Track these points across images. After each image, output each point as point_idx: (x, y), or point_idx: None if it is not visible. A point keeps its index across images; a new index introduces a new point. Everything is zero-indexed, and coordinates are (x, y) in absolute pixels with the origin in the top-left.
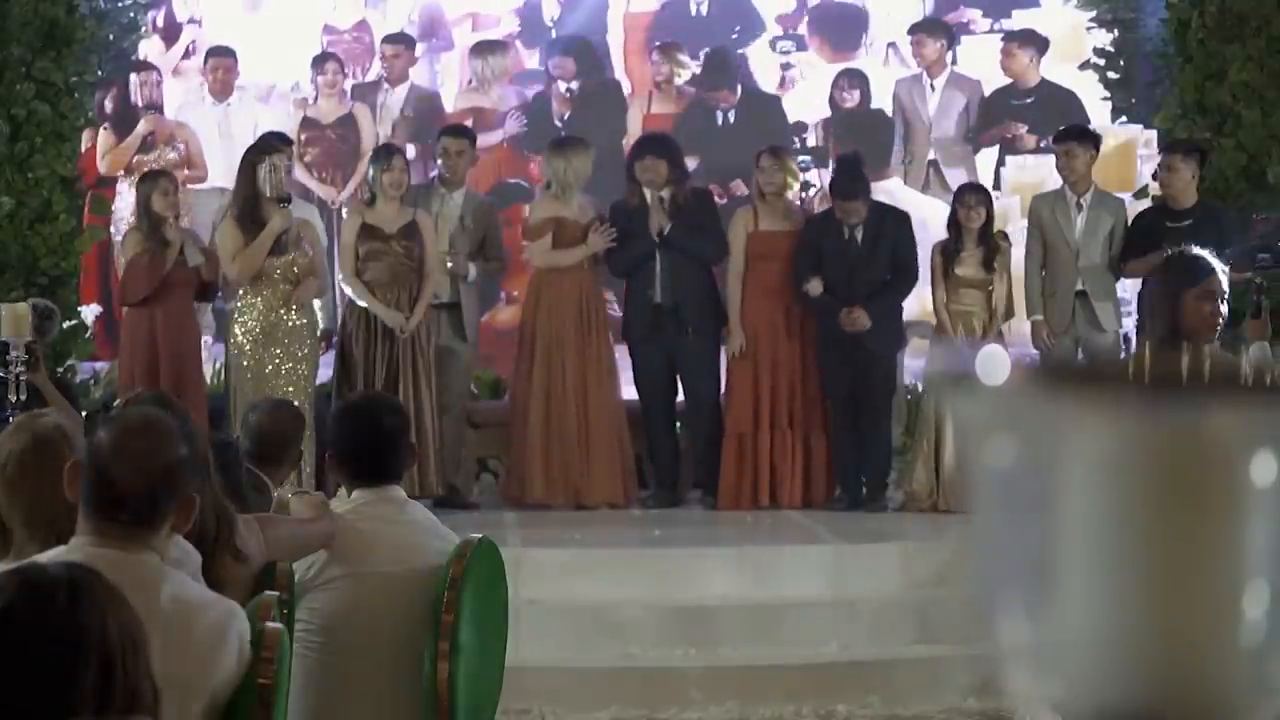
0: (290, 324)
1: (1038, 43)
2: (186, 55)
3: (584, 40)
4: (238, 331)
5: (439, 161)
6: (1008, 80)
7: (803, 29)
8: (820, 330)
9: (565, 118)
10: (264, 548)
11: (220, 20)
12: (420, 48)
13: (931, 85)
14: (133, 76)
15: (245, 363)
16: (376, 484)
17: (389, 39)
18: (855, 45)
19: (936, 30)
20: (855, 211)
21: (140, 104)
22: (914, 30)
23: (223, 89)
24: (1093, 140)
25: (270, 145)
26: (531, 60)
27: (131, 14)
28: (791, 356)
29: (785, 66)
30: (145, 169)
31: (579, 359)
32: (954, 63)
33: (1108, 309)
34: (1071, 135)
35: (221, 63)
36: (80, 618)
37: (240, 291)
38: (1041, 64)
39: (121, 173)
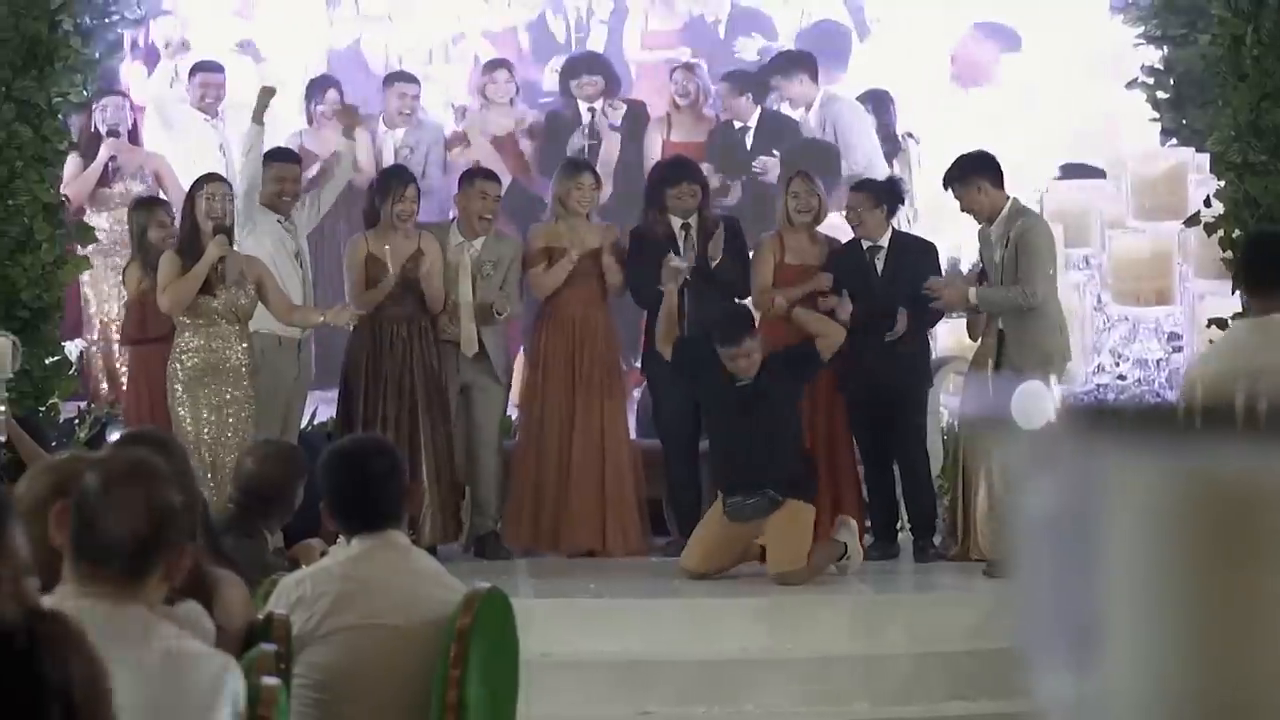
0: (231, 365)
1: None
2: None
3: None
4: (178, 372)
5: (472, 205)
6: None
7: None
8: (845, 370)
9: (619, 141)
10: (250, 606)
11: (213, 43)
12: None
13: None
14: (96, 101)
15: (186, 409)
16: (375, 531)
17: (397, 78)
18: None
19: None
20: (854, 208)
21: (104, 130)
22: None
23: (211, 105)
24: (974, 171)
25: (210, 175)
26: (537, 75)
27: (119, 30)
28: (815, 398)
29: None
30: (112, 201)
31: (586, 399)
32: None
33: (1020, 348)
34: (948, 180)
35: (210, 78)
36: (40, 665)
37: (178, 331)
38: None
39: (85, 204)
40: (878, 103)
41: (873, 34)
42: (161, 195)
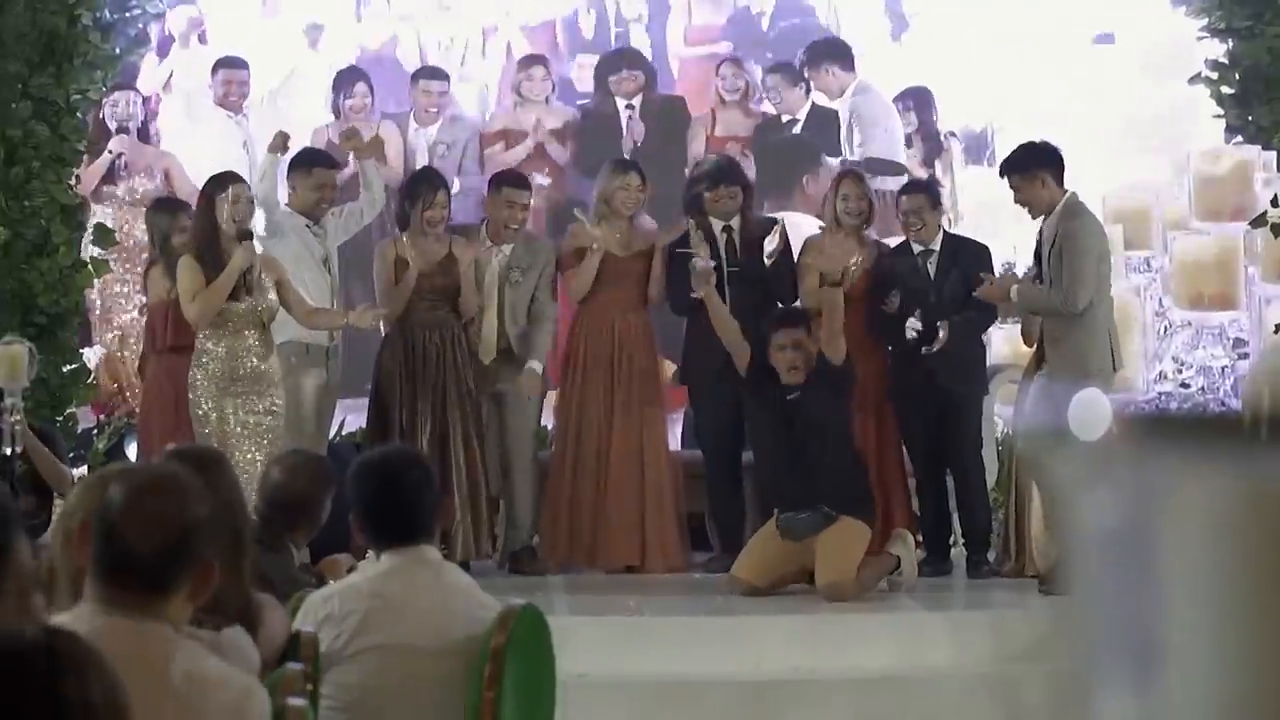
0: (255, 371)
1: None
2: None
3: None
4: (199, 378)
5: (499, 213)
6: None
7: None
8: (896, 377)
9: (641, 137)
10: (288, 627)
11: (231, 33)
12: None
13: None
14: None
15: (210, 417)
16: (406, 545)
17: (423, 74)
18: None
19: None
20: (916, 211)
21: (113, 125)
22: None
23: (235, 102)
24: (1037, 163)
25: (231, 176)
26: (573, 71)
27: (141, 24)
28: (865, 406)
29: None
30: (118, 199)
31: (625, 407)
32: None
33: (1058, 354)
34: (1008, 166)
35: (233, 75)
36: (61, 687)
37: (200, 338)
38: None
39: (90, 200)
40: (919, 100)
41: (911, 28)
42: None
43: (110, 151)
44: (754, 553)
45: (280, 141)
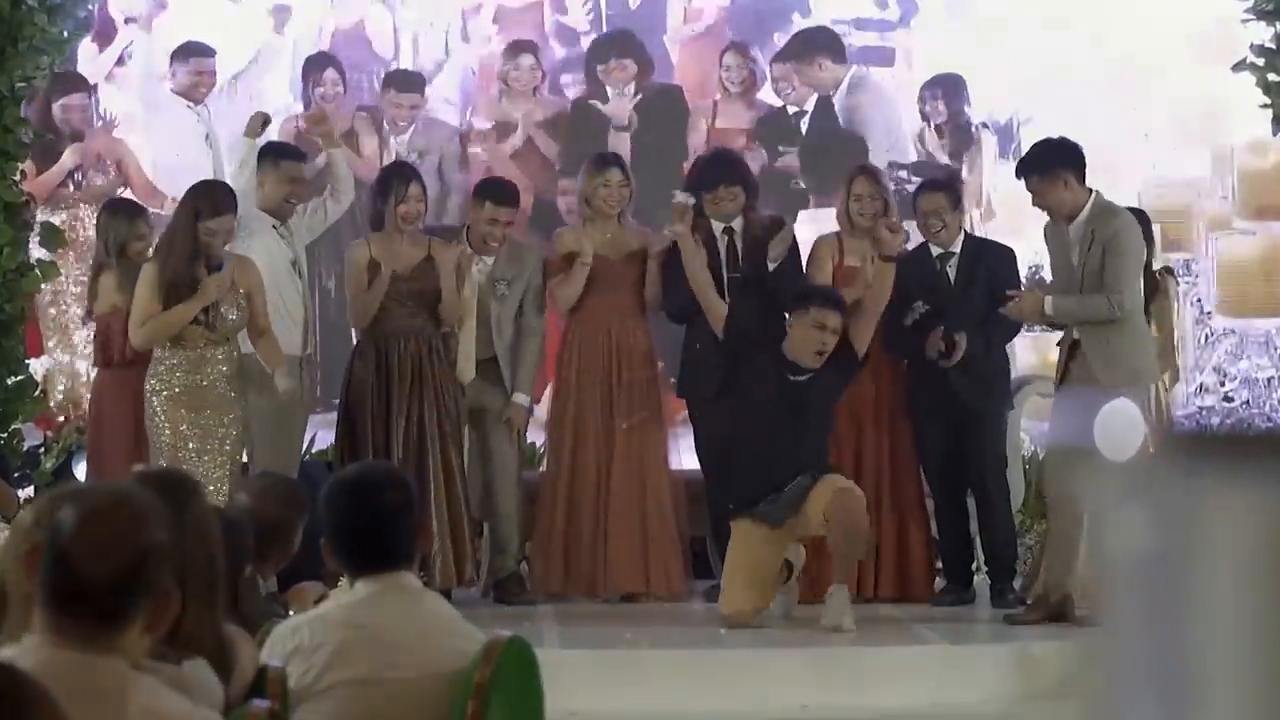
0: (216, 384)
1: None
2: (121, 62)
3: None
4: (155, 388)
5: (479, 227)
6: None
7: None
8: (913, 389)
9: (633, 130)
10: (257, 660)
11: (184, 17)
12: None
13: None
14: (53, 95)
15: (165, 430)
16: (383, 572)
17: (394, 83)
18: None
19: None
20: (936, 212)
21: (66, 130)
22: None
23: (204, 94)
24: (1058, 162)
25: (225, 202)
26: (561, 59)
27: (90, 6)
28: (879, 421)
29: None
30: (69, 199)
31: (624, 421)
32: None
33: (1104, 364)
34: (1026, 168)
35: (203, 64)
36: None
37: (158, 350)
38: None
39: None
40: (948, 88)
41: (920, 11)
42: (126, 191)
43: (72, 172)
44: (736, 578)
45: (259, 123)
